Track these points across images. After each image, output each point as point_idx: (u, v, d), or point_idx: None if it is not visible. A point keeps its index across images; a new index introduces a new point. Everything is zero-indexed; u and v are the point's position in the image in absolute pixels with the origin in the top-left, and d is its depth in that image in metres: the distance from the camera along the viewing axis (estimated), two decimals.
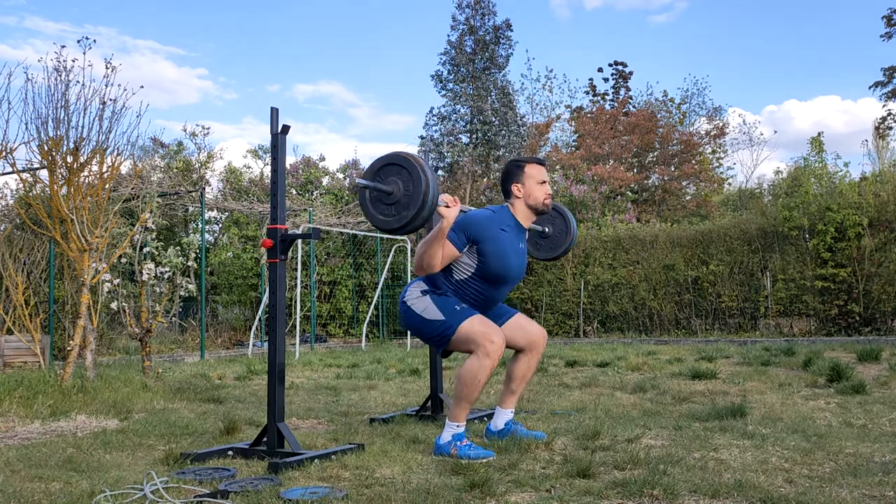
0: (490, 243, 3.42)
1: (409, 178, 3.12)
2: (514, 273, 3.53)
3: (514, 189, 3.57)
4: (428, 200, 3.08)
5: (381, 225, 3.22)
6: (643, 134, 22.40)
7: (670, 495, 2.51)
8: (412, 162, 3.13)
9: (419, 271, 3.41)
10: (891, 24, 23.87)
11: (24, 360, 7.75)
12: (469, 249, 3.44)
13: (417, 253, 3.38)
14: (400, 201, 3.15)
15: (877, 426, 3.78)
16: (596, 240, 12.85)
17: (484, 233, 3.42)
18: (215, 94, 41.73)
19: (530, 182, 3.56)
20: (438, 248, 3.32)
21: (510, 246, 3.49)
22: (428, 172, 3.11)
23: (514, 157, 3.75)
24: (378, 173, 3.21)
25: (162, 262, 6.32)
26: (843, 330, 10.70)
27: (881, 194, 10.83)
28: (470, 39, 13.42)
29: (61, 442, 3.69)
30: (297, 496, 2.55)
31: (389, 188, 3.16)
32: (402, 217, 3.13)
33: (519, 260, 3.54)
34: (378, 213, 3.22)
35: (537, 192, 3.57)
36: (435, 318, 3.40)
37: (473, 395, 3.31)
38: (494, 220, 3.49)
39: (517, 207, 3.58)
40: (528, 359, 3.63)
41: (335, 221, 13.31)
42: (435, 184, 3.13)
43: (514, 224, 3.55)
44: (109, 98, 5.65)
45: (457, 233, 3.39)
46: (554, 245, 4.17)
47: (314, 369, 7.71)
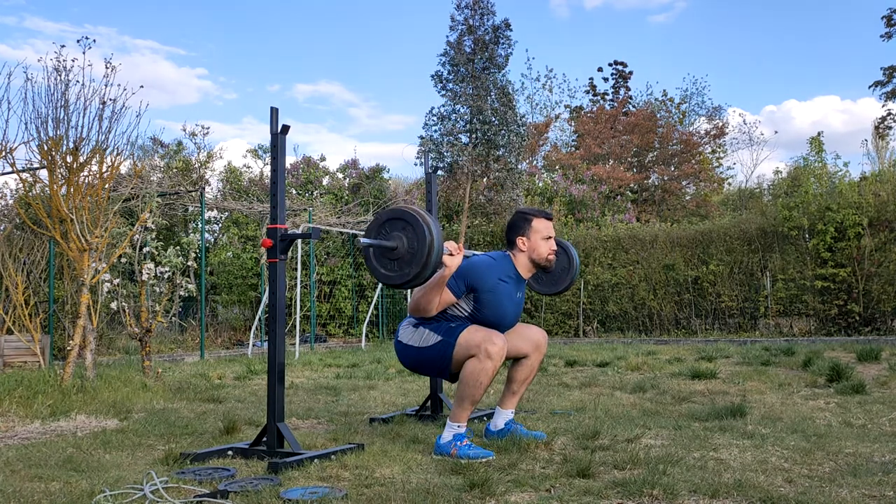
0: (488, 294, 3.42)
1: (414, 234, 3.09)
2: (509, 322, 3.54)
3: (519, 242, 3.55)
4: (432, 257, 3.05)
5: (385, 280, 3.19)
6: (643, 134, 22.41)
7: (670, 495, 2.51)
8: (417, 218, 3.10)
9: (415, 313, 3.42)
10: (891, 24, 23.87)
11: (23, 359, 7.75)
12: (466, 296, 3.44)
13: (414, 296, 3.38)
14: (403, 257, 3.12)
15: (876, 426, 3.78)
16: (596, 240, 12.86)
17: (483, 283, 3.41)
18: (215, 94, 41.74)
19: (536, 237, 3.55)
20: (437, 294, 3.32)
21: (507, 297, 3.49)
22: (433, 228, 3.07)
23: (521, 209, 3.73)
24: (383, 227, 3.19)
25: (162, 261, 6.32)
26: (842, 330, 10.70)
27: (881, 194, 10.83)
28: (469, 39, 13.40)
29: (61, 442, 3.69)
30: (297, 496, 2.55)
31: (393, 244, 3.13)
32: (406, 274, 3.10)
33: (515, 309, 3.55)
34: (381, 267, 3.19)
35: (542, 248, 3.55)
36: (433, 343, 3.39)
37: (476, 396, 3.30)
38: (495, 269, 3.48)
39: (519, 260, 3.57)
40: (530, 360, 3.63)
41: (335, 221, 13.31)
42: (440, 239, 3.09)
43: (515, 275, 3.54)
44: (109, 98, 5.65)
45: (456, 280, 3.38)
46: (556, 281, 4.14)
47: (314, 369, 7.71)
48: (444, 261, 3.20)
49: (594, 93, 28.89)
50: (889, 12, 23.84)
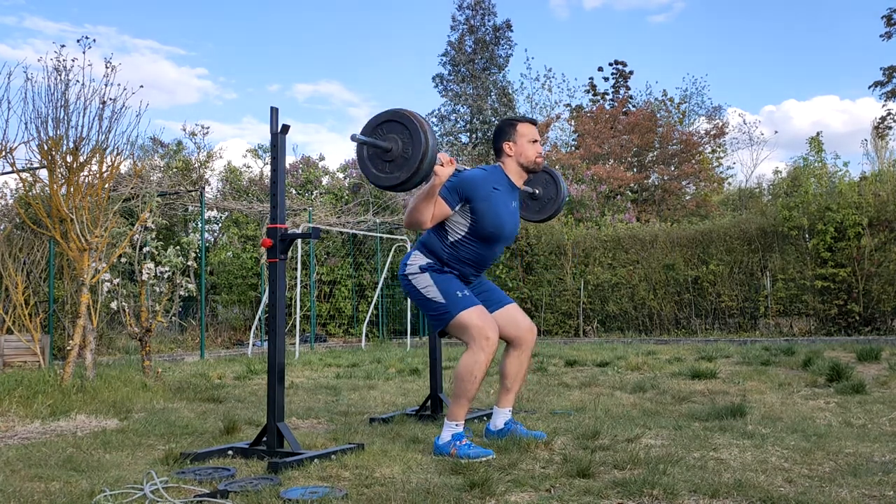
0: (483, 202, 3.43)
1: (409, 137, 3.09)
2: (508, 231, 3.54)
3: (506, 147, 3.58)
4: (427, 159, 3.05)
5: (377, 181, 3.19)
6: (643, 133, 22.40)
7: (670, 495, 2.51)
8: (413, 120, 3.09)
9: (409, 226, 3.43)
10: (890, 24, 23.88)
11: (23, 359, 7.75)
12: (462, 208, 3.45)
13: (408, 208, 3.38)
14: (397, 159, 3.12)
15: (876, 426, 3.78)
16: (596, 239, 12.85)
17: (476, 192, 3.43)
18: (215, 94, 41.73)
19: (522, 140, 3.58)
20: (429, 206, 3.33)
21: (503, 205, 3.50)
22: (428, 131, 3.07)
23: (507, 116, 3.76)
24: (377, 129, 3.18)
25: (162, 261, 6.32)
26: (842, 329, 10.70)
27: (881, 194, 10.83)
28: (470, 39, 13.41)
29: (61, 441, 3.68)
30: (297, 496, 2.55)
31: (388, 145, 3.13)
32: (399, 176, 3.11)
33: (512, 218, 3.56)
34: (375, 169, 3.19)
35: (529, 151, 3.58)
36: (435, 300, 3.41)
37: (471, 391, 3.32)
38: (487, 178, 3.50)
39: (509, 166, 3.59)
40: (518, 354, 3.63)
41: (335, 221, 13.31)
42: (434, 143, 3.09)
43: (507, 183, 3.57)
44: (109, 97, 5.65)
45: (450, 192, 3.40)
46: (541, 208, 4.19)
47: (314, 369, 7.71)
48: (434, 171, 3.20)
49: (594, 92, 28.88)
50: (889, 12, 23.85)
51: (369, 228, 13.45)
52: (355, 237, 13.67)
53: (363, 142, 3.16)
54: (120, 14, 39.11)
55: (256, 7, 41.56)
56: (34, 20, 38.06)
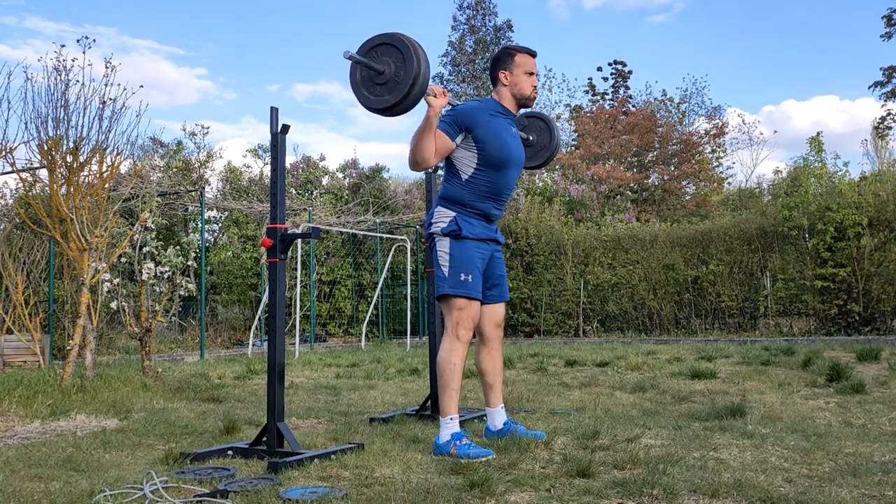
0: (483, 128, 3.44)
1: (402, 60, 3.09)
2: (515, 155, 3.55)
3: (502, 76, 3.58)
4: (418, 84, 3.04)
5: (368, 103, 3.18)
6: (642, 133, 22.39)
7: (670, 495, 2.51)
8: (406, 44, 3.09)
9: (414, 167, 3.40)
10: (890, 24, 23.88)
11: (23, 359, 7.75)
12: (465, 141, 3.46)
13: (410, 149, 3.36)
14: (390, 82, 3.12)
15: (876, 426, 3.78)
16: (595, 239, 12.85)
17: (475, 119, 3.44)
18: (215, 94, 41.75)
19: (518, 71, 3.57)
20: (429, 140, 3.31)
21: (504, 129, 3.52)
22: (422, 56, 3.07)
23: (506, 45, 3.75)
24: (371, 52, 3.17)
25: (161, 261, 6.32)
26: (842, 329, 10.70)
27: (881, 194, 10.83)
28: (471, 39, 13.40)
29: (61, 441, 3.68)
30: (297, 496, 2.55)
31: (381, 67, 3.12)
32: (389, 99, 3.11)
33: (515, 142, 3.57)
34: (367, 90, 3.18)
35: (524, 83, 3.57)
36: (443, 267, 3.45)
37: (454, 380, 3.36)
38: (483, 107, 3.52)
39: (503, 95, 3.59)
40: (489, 350, 3.67)
41: (335, 221, 13.31)
42: (427, 69, 3.09)
43: (504, 109, 3.57)
44: (109, 97, 5.65)
45: (448, 123, 3.42)
46: (537, 153, 4.19)
47: (314, 369, 7.71)
48: (427, 101, 3.19)
49: (594, 92, 28.90)
50: (889, 12, 23.85)
51: (369, 228, 13.44)
52: (355, 237, 13.67)
53: (356, 60, 3.13)
54: (120, 14, 39.14)
55: (257, 7, 41.58)
56: (34, 20, 38.09)
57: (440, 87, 3.29)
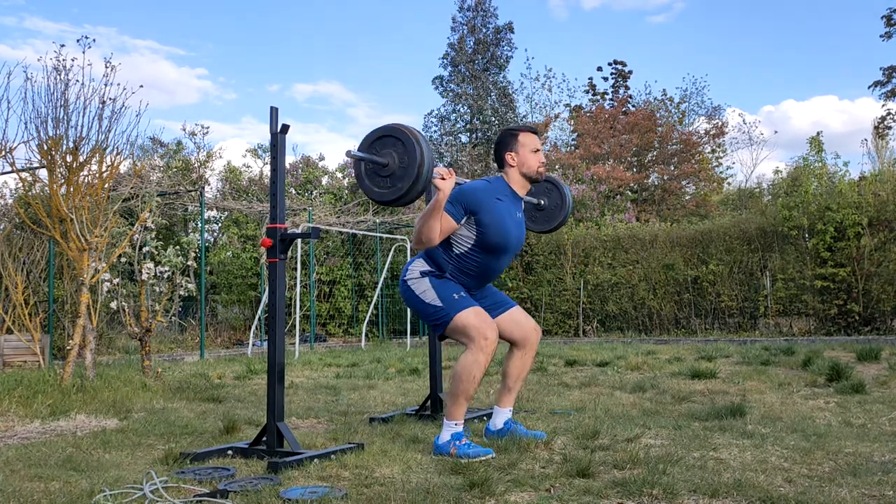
0: (487, 213, 3.43)
1: (404, 150, 3.11)
2: (514, 242, 3.54)
3: (508, 158, 3.58)
4: (423, 173, 3.07)
5: (377, 197, 3.20)
6: (642, 133, 22.40)
7: (670, 495, 2.51)
8: (407, 134, 3.12)
9: (418, 245, 3.41)
10: (890, 24, 23.88)
11: (23, 359, 7.75)
12: (467, 221, 3.45)
13: (416, 227, 3.38)
14: (395, 173, 3.14)
15: (876, 426, 3.78)
16: (595, 239, 12.85)
17: (481, 203, 3.43)
18: (214, 94, 41.75)
19: (524, 150, 3.57)
20: (436, 221, 3.32)
21: (508, 215, 3.50)
22: (423, 145, 3.09)
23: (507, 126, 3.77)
24: (373, 145, 3.20)
25: (161, 261, 6.32)
26: (842, 329, 10.70)
27: (881, 194, 10.83)
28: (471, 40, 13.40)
29: (61, 441, 3.68)
30: (297, 496, 2.55)
31: (384, 160, 3.15)
32: (397, 189, 3.13)
33: (517, 229, 3.56)
34: (373, 185, 3.21)
35: (531, 161, 3.57)
36: (433, 303, 3.41)
37: (469, 391, 3.32)
38: (490, 189, 3.50)
39: (512, 176, 3.59)
40: (522, 355, 3.63)
41: (334, 221, 13.31)
42: (430, 156, 3.11)
43: (510, 193, 3.57)
44: (109, 97, 5.65)
45: (454, 205, 3.40)
46: (549, 217, 4.17)
47: (314, 369, 7.71)
48: (436, 185, 3.20)
49: (594, 92, 28.88)
50: (889, 12, 23.85)
51: (369, 228, 13.44)
52: (355, 237, 13.67)
53: (359, 157, 3.17)
54: (120, 14, 39.13)
55: (257, 7, 41.57)
56: (34, 20, 38.08)
57: (446, 169, 3.27)
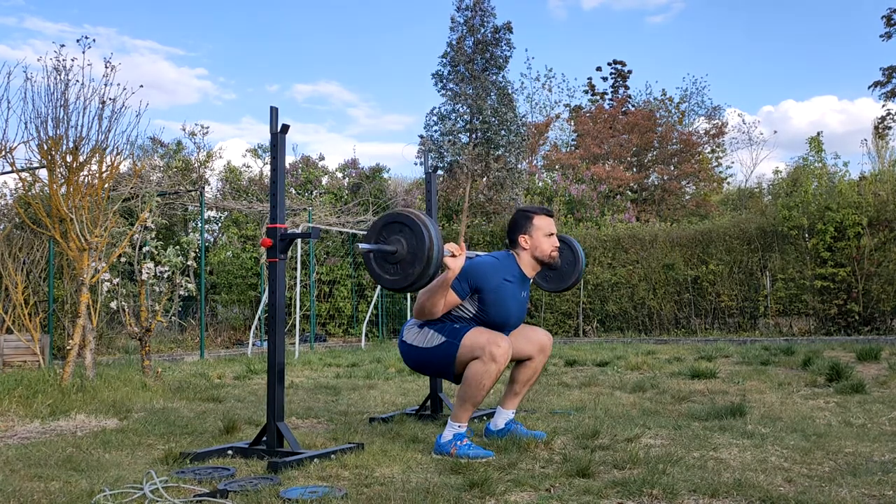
0: (492, 293, 3.41)
1: (412, 236, 3.09)
2: (514, 322, 3.54)
3: (522, 241, 3.54)
4: (433, 257, 3.05)
5: (389, 285, 3.19)
6: (642, 133, 22.40)
7: (670, 495, 2.51)
8: (414, 220, 3.11)
9: (420, 315, 3.40)
10: (890, 24, 23.87)
11: (23, 359, 7.75)
12: (471, 297, 3.43)
13: (419, 300, 3.36)
14: (404, 260, 3.12)
15: (876, 425, 3.78)
16: (595, 239, 12.85)
17: (487, 283, 3.41)
18: (214, 94, 41.76)
19: (538, 234, 3.53)
20: (442, 297, 3.31)
21: (512, 297, 3.48)
22: (431, 228, 3.08)
23: (522, 207, 3.73)
24: (381, 232, 3.20)
25: (161, 261, 6.32)
26: (842, 329, 10.70)
27: (880, 194, 10.83)
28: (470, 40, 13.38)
29: (61, 441, 3.68)
30: (297, 495, 2.55)
31: (393, 248, 3.13)
32: (409, 276, 3.10)
33: (519, 309, 3.54)
34: (384, 272, 3.19)
35: (545, 245, 3.54)
36: (437, 343, 3.39)
37: (478, 398, 3.30)
38: (499, 269, 3.46)
39: (523, 258, 3.55)
40: (534, 362, 3.63)
41: (334, 221, 13.31)
42: (439, 239, 3.09)
43: (519, 274, 3.53)
44: (109, 97, 5.65)
45: (460, 281, 3.37)
46: (562, 277, 4.10)
47: (314, 368, 7.71)
48: (446, 262, 3.19)
49: (593, 92, 28.88)
50: (889, 12, 23.84)
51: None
52: (355, 237, 13.67)
53: (368, 250, 3.16)
54: (120, 14, 39.12)
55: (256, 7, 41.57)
56: (34, 21, 38.08)
57: (456, 245, 3.25)
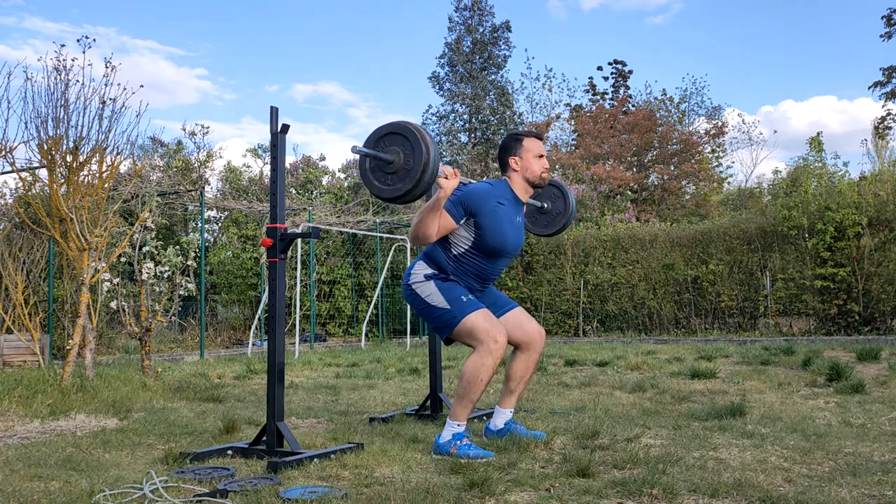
0: (487, 217, 3.43)
1: (411, 149, 3.10)
2: (511, 246, 3.54)
3: (512, 162, 3.58)
4: (428, 172, 3.06)
5: (380, 193, 3.20)
6: (642, 133, 22.39)
7: (670, 494, 2.51)
8: (414, 132, 3.11)
9: (415, 241, 3.42)
10: (890, 24, 23.86)
11: (23, 359, 7.75)
12: (466, 222, 3.45)
13: (413, 223, 3.38)
14: (400, 171, 3.13)
15: (876, 425, 3.78)
16: (595, 239, 12.85)
17: (482, 206, 3.43)
18: (214, 94, 41.75)
19: (528, 156, 3.57)
20: (434, 219, 3.32)
21: (507, 219, 3.50)
22: (430, 143, 3.09)
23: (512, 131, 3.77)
24: (380, 142, 3.20)
25: (161, 261, 6.32)
26: (842, 329, 10.70)
27: (880, 194, 10.83)
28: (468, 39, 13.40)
29: (61, 441, 3.68)
30: (297, 495, 2.55)
31: (390, 157, 3.14)
32: (401, 187, 3.12)
33: (516, 233, 3.56)
34: (377, 181, 3.20)
35: (535, 166, 3.57)
36: (440, 306, 3.41)
37: (476, 394, 3.31)
38: (493, 193, 3.50)
39: (515, 181, 3.59)
40: (525, 358, 3.62)
41: (335, 221, 13.31)
42: (436, 155, 3.10)
43: (512, 198, 3.56)
44: (109, 97, 5.65)
45: (455, 205, 3.40)
46: (550, 222, 4.17)
47: (314, 368, 7.71)
48: (439, 183, 3.21)
49: (594, 92, 28.86)
50: (889, 12, 23.83)
51: (369, 228, 13.44)
52: (355, 237, 13.67)
53: (365, 154, 3.16)
54: (120, 15, 39.12)
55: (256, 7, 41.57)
56: (34, 21, 38.07)
57: (451, 168, 3.28)
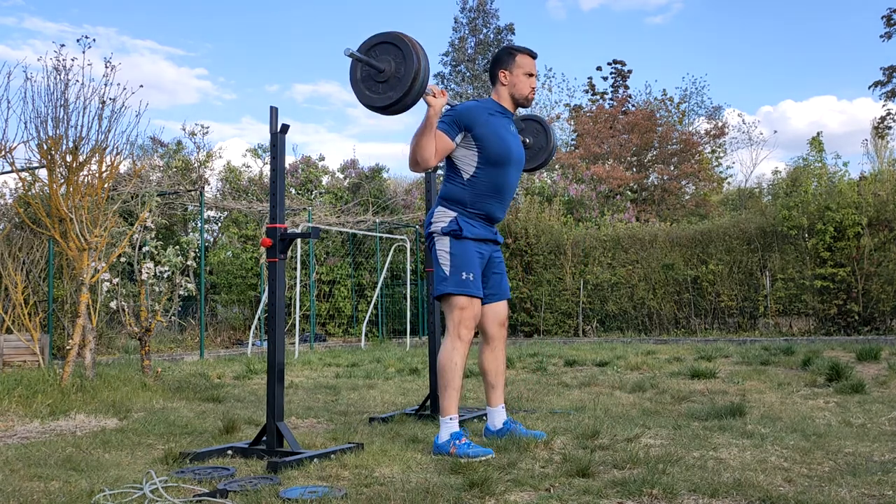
0: (482, 127, 3.46)
1: (402, 59, 3.11)
2: (515, 153, 3.56)
3: (501, 75, 3.60)
4: (418, 83, 3.07)
5: (370, 102, 3.19)
6: (642, 133, 22.38)
7: (669, 494, 2.51)
8: (406, 42, 3.11)
9: (414, 168, 3.42)
10: (890, 24, 23.87)
11: (23, 359, 7.75)
12: (465, 140, 3.47)
13: (410, 149, 3.38)
14: (391, 79, 3.13)
15: (876, 425, 3.78)
16: (595, 239, 12.85)
17: (475, 118, 3.46)
18: (214, 94, 41.76)
19: (518, 72, 3.58)
20: (429, 140, 3.33)
21: (504, 128, 3.54)
22: (421, 52, 3.09)
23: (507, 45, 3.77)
24: (371, 51, 3.19)
25: (161, 261, 6.32)
26: (842, 329, 10.70)
27: (880, 194, 10.83)
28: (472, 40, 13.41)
29: (60, 441, 3.68)
30: (297, 495, 2.55)
31: (381, 65, 3.14)
32: (392, 95, 3.13)
33: (515, 140, 3.59)
34: (366, 89, 3.20)
35: (522, 84, 3.58)
36: (443, 267, 3.45)
37: (456, 379, 3.36)
38: (481, 106, 3.54)
39: (501, 95, 3.61)
40: (491, 350, 3.65)
41: (334, 221, 13.31)
42: (427, 67, 3.11)
43: (502, 108, 3.60)
44: (109, 97, 5.65)
45: (448, 125, 3.43)
46: (533, 156, 4.19)
47: (313, 368, 7.71)
48: (426, 100, 3.22)
49: (593, 92, 28.86)
50: (889, 12, 23.85)
51: (369, 228, 13.44)
52: (355, 237, 13.67)
53: (357, 58, 3.15)
54: (119, 15, 39.14)
55: (256, 7, 41.58)
56: (34, 21, 38.09)
57: (439, 87, 3.31)
